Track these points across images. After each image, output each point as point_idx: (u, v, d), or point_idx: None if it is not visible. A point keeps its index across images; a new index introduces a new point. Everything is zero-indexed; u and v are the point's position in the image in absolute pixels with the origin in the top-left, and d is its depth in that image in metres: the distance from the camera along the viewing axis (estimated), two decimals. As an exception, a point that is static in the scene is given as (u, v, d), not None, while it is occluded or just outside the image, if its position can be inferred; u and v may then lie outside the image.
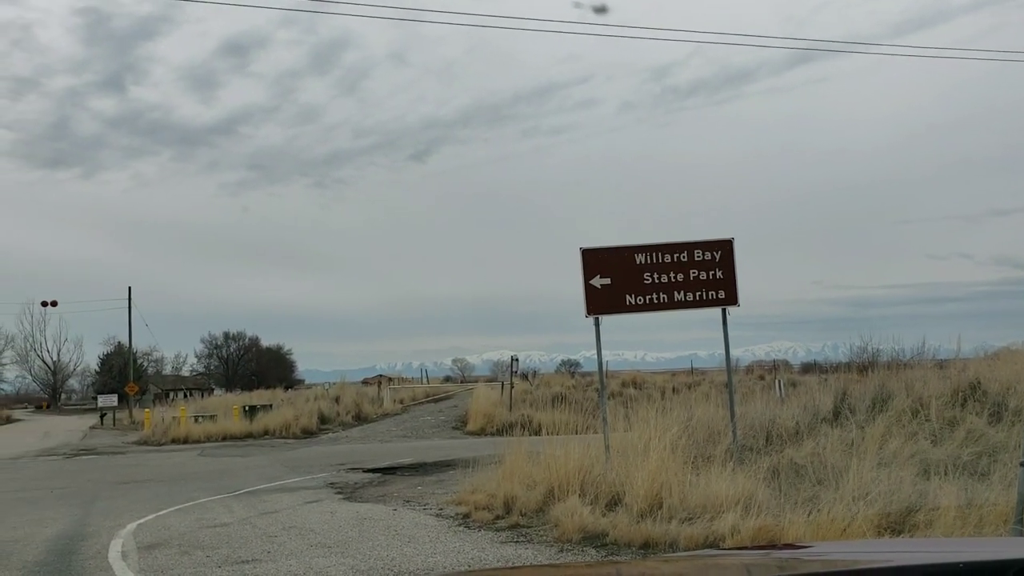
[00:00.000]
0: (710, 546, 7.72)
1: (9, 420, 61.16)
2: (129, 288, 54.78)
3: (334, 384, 50.95)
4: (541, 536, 8.94)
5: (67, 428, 47.27)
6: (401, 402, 42.45)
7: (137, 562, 8.27)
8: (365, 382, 64.42)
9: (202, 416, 37.34)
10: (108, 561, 8.44)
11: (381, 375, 73.53)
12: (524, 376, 51.41)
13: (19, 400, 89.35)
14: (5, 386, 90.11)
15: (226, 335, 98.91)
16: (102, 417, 50.80)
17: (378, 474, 16.93)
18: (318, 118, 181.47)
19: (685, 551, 7.73)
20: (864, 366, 18.96)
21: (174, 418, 36.34)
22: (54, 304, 61.22)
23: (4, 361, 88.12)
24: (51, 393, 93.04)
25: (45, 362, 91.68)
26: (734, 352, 12.52)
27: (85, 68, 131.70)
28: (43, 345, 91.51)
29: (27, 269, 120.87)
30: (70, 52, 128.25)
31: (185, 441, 31.55)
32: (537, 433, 15.20)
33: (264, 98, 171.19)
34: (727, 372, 12.45)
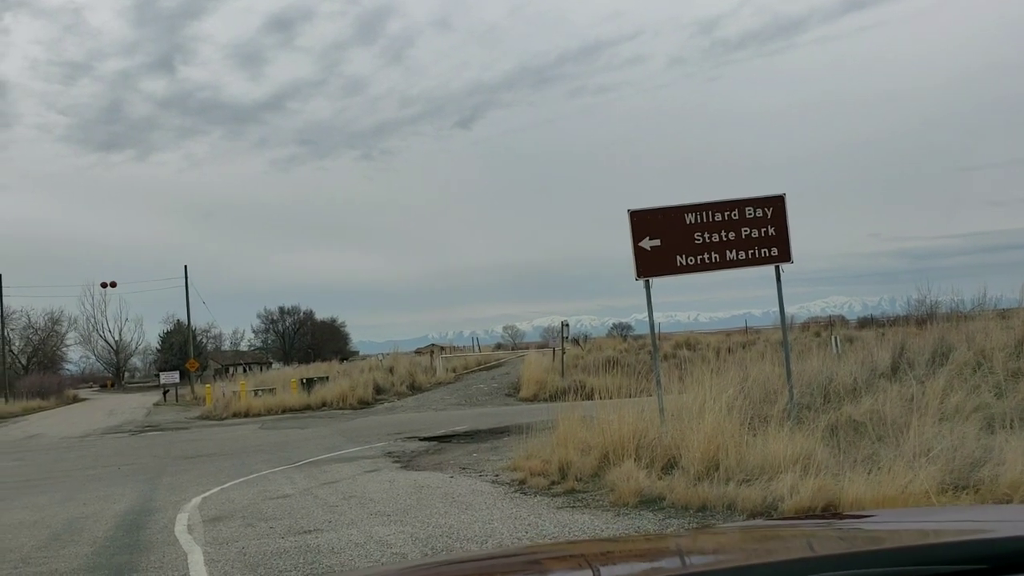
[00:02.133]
0: (769, 508, 7.64)
1: (75, 399, 63.10)
2: (185, 267, 55.96)
3: (387, 355, 51.42)
4: (597, 501, 8.94)
5: (131, 406, 48.58)
6: (454, 371, 42.75)
7: (203, 535, 8.46)
8: (418, 352, 64.93)
9: (261, 390, 38.05)
10: (175, 535, 8.65)
11: (433, 344, 74.13)
12: (575, 341, 51.38)
13: (84, 380, 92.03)
14: (70, 367, 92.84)
15: (281, 310, 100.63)
16: (165, 394, 52.12)
17: (434, 442, 17.09)
18: (364, 89, 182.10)
19: (742, 515, 7.67)
20: (923, 319, 18.54)
21: (234, 393, 37.09)
22: (113, 285, 62.67)
23: (68, 342, 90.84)
24: (115, 372, 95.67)
25: (107, 342, 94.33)
26: (789, 309, 12.31)
27: (135, 50, 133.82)
28: (105, 325, 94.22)
29: (86, 251, 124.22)
30: (120, 35, 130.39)
31: (246, 415, 32.22)
32: (590, 398, 15.22)
33: (311, 72, 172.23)
34: (782, 330, 12.25)
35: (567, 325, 38.10)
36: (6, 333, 68.38)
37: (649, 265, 11.26)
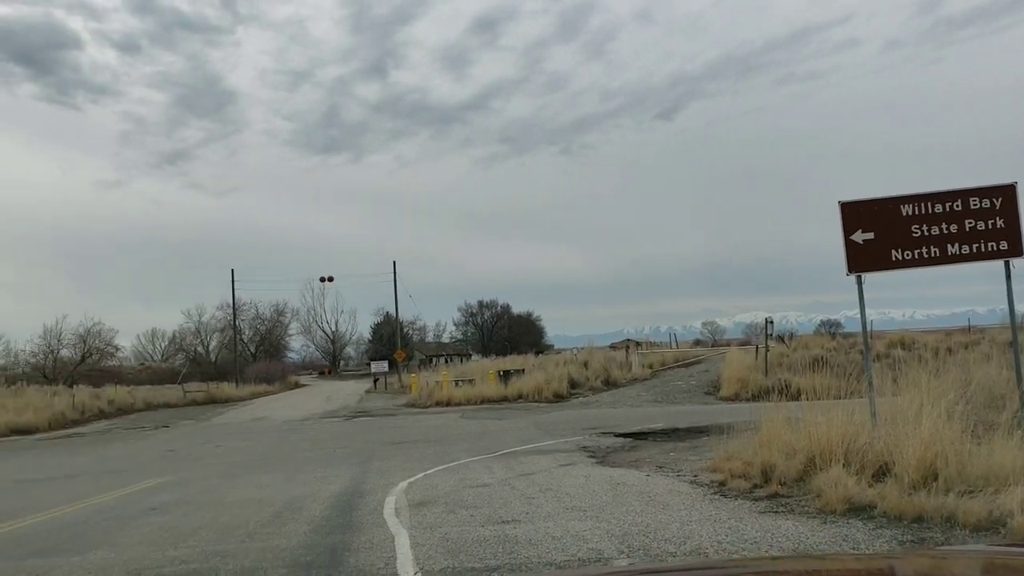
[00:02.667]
0: (995, 523, 7.01)
1: (296, 385, 67.82)
2: (394, 263, 58.79)
3: (582, 349, 51.68)
4: (802, 507, 8.56)
5: (346, 392, 51.61)
6: (650, 367, 42.33)
7: (408, 519, 8.84)
8: (612, 347, 64.82)
9: (461, 380, 39.28)
10: (383, 517, 9.09)
11: (628, 339, 73.64)
12: (780, 338, 49.51)
13: (304, 367, 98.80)
14: (292, 355, 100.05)
15: (480, 303, 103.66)
16: (375, 382, 54.98)
17: (629, 439, 17.00)
18: (565, 85, 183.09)
19: (964, 529, 7.08)
20: None
21: (437, 383, 38.55)
22: (331, 279, 66.93)
23: (291, 332, 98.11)
24: (331, 360, 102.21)
25: (325, 332, 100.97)
26: (1019, 307, 11.24)
27: (351, 57, 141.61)
28: (323, 317, 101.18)
29: (308, 248, 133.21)
30: (338, 43, 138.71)
31: (447, 404, 33.42)
32: (795, 398, 14.58)
33: (513, 71, 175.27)
34: (1011, 330, 11.20)
35: (771, 321, 36.83)
36: (237, 323, 74.61)
37: (861, 259, 10.65)
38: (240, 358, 71.15)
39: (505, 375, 38.30)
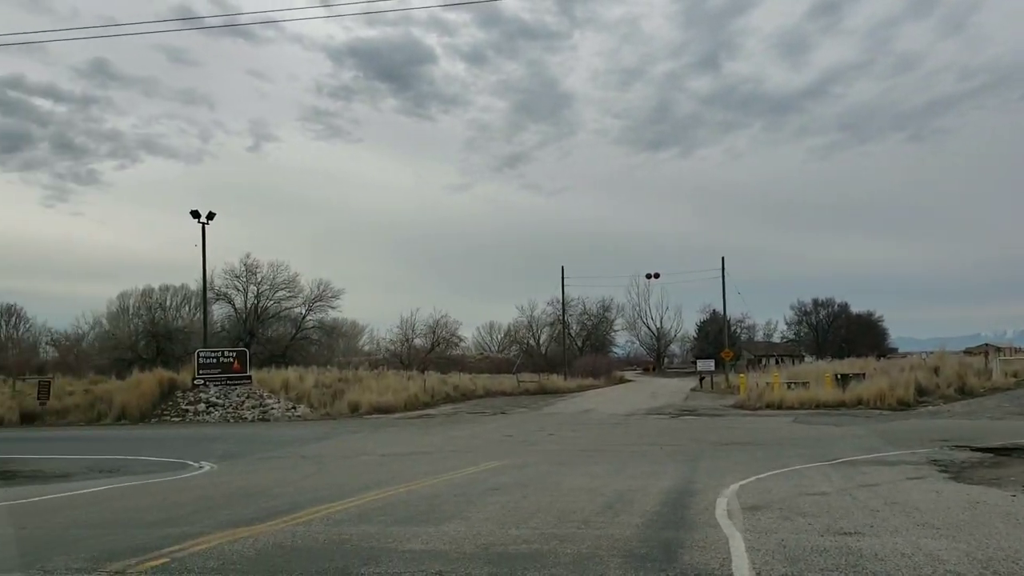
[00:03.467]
0: None
1: (621, 380, 69.19)
2: (722, 258, 57.92)
3: (931, 353, 47.57)
4: None
5: (670, 390, 51.75)
6: (1014, 375, 37.78)
7: (742, 522, 8.66)
8: (968, 352, 58.92)
9: (794, 383, 37.78)
10: (715, 518, 8.98)
11: (987, 344, 66.30)
12: None
13: (628, 363, 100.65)
14: (617, 350, 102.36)
15: (815, 302, 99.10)
16: (701, 380, 54.52)
17: (989, 454, 15.32)
18: (917, 65, 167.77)
19: None
20: None
21: (767, 384, 37.37)
22: (656, 276, 67.39)
23: (616, 328, 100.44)
24: (655, 357, 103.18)
25: (650, 328, 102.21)
26: None
27: (683, 51, 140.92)
28: (648, 313, 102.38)
29: (634, 244, 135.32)
30: (670, 38, 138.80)
31: (779, 407, 32.27)
32: None
33: (855, 53, 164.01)
34: None
35: None
36: (566, 318, 77.72)
37: None
38: (568, 351, 74.05)
39: (843, 379, 36.26)
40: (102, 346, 63.69)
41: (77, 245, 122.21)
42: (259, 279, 64.43)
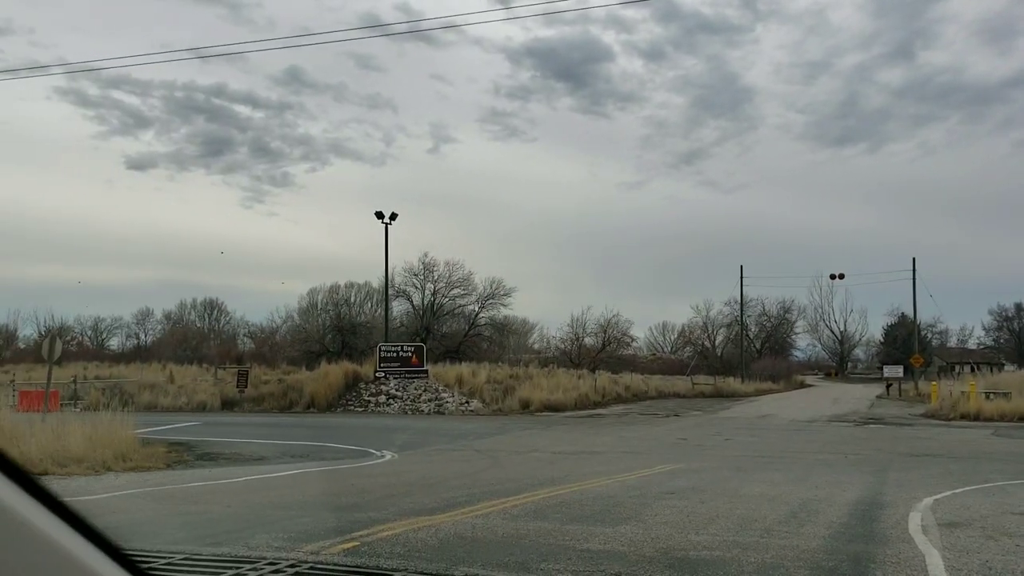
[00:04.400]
0: None
1: (801, 385, 66.73)
2: (913, 259, 54.81)
3: None
4: None
5: (854, 396, 49.34)
6: None
7: (939, 539, 8.12)
8: None
9: (993, 393, 35.09)
10: (908, 532, 8.47)
11: None
12: None
13: (809, 367, 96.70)
14: (797, 353, 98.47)
15: (1017, 306, 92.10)
16: (887, 387, 51.72)
17: None
18: None
19: None
20: None
21: (962, 393, 34.92)
22: (841, 277, 64.56)
23: (796, 330, 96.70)
24: (838, 361, 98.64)
25: (833, 331, 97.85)
26: None
27: (873, 42, 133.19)
28: (831, 315, 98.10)
29: (817, 244, 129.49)
30: (859, 28, 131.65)
31: (976, 418, 30.10)
32: None
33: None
34: None
35: None
36: (744, 319, 75.63)
37: None
38: (745, 354, 72.00)
39: (1050, 390, 33.28)
40: (293, 339, 67.93)
41: (271, 244, 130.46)
42: (436, 277, 66.53)
